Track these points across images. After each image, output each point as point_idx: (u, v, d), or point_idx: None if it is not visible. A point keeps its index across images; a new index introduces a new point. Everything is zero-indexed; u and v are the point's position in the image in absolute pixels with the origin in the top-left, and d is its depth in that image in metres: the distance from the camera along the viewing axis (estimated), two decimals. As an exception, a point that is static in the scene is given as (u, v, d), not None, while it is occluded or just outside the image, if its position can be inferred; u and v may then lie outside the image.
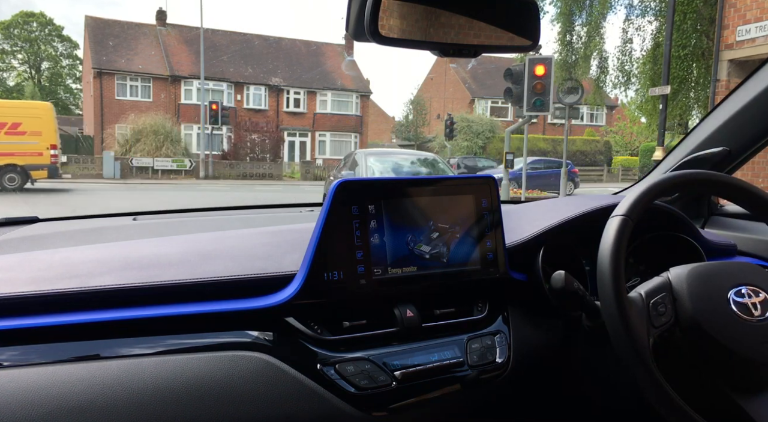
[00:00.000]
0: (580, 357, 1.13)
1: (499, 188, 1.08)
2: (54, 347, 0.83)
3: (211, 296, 0.92)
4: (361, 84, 32.60)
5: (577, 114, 12.28)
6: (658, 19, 14.58)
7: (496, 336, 1.06)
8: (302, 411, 0.88)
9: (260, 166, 25.32)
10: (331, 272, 0.93)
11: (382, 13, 0.85)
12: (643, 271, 1.22)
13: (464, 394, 1.01)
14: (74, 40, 46.03)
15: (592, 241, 1.01)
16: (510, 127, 13.54)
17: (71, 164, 22.80)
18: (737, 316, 0.88)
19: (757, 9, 9.31)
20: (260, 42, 32.15)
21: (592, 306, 0.96)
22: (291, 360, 0.90)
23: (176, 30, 30.76)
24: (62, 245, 1.20)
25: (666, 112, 11.54)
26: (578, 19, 15.47)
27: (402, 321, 0.98)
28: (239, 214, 1.76)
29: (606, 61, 15.69)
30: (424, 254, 1.00)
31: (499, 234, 1.07)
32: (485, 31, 0.95)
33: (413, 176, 1.18)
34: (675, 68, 12.73)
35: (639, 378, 0.83)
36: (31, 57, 45.74)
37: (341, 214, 0.94)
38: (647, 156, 24.20)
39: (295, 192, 18.37)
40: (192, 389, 0.83)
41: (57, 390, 0.77)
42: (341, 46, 33.72)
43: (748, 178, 5.17)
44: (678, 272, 0.93)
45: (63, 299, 0.86)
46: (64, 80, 48.03)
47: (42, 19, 44.92)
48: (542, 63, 9.86)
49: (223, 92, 28.89)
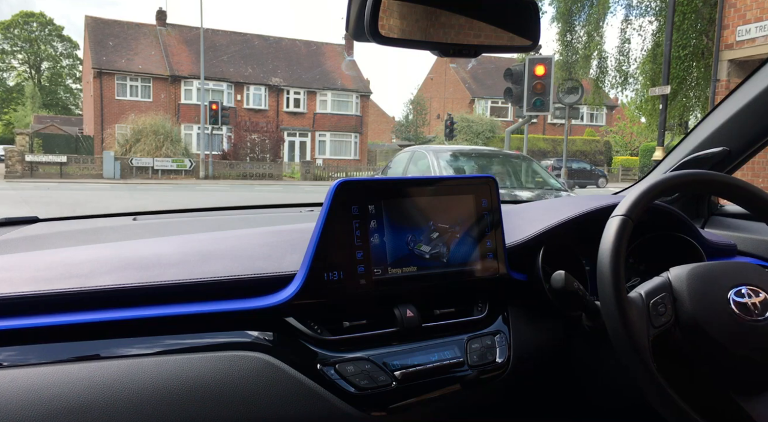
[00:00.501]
0: (580, 357, 1.13)
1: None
2: (54, 347, 0.83)
3: (211, 296, 0.92)
4: (361, 84, 32.61)
5: (577, 114, 12.29)
6: (658, 19, 14.58)
7: (496, 336, 1.06)
8: (302, 411, 0.88)
9: (260, 166, 25.33)
10: (331, 272, 0.93)
11: (382, 13, 0.85)
12: (643, 271, 1.22)
13: (464, 394, 1.01)
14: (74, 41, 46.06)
15: (592, 241, 1.01)
16: (510, 127, 13.55)
17: (71, 164, 22.82)
18: (737, 316, 0.88)
19: (757, 9, 9.31)
20: (260, 42, 32.16)
21: (592, 306, 0.96)
22: (291, 360, 0.90)
23: (176, 30, 30.77)
24: (62, 245, 1.20)
25: (666, 112, 11.54)
26: (578, 19, 15.47)
27: (402, 321, 0.98)
28: (239, 214, 1.76)
29: (606, 61, 15.69)
30: (424, 254, 1.00)
31: (499, 234, 1.07)
32: (485, 31, 0.95)
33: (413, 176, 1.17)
34: (675, 68, 12.73)
35: (639, 378, 0.83)
36: (31, 57, 45.76)
37: (341, 214, 0.94)
38: (647, 156, 24.22)
39: (295, 192, 18.37)
40: (192, 389, 0.83)
41: (57, 390, 0.77)
42: (341, 46, 33.72)
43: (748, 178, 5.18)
44: (678, 272, 0.93)
45: (63, 299, 0.86)
46: (64, 80, 48.05)
47: (42, 19, 44.94)
48: (542, 63, 9.86)
49: (223, 92, 28.90)
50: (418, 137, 35.11)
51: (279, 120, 30.16)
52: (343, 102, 31.89)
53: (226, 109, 23.64)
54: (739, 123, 1.36)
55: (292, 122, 30.90)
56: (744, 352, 0.87)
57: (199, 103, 24.80)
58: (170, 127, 24.66)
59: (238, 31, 32.34)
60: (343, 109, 31.86)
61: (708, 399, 0.89)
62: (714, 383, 0.90)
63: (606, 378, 1.10)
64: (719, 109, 1.41)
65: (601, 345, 1.01)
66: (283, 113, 30.63)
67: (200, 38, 23.55)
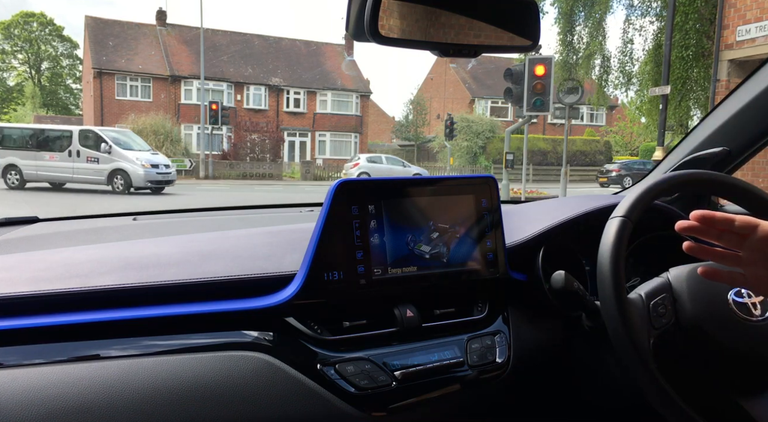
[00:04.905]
0: (580, 357, 1.13)
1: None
2: (54, 347, 0.83)
3: (211, 296, 0.92)
4: (361, 84, 32.60)
5: (577, 114, 12.28)
6: (659, 20, 14.57)
7: (496, 336, 1.06)
8: (302, 411, 0.88)
9: (260, 166, 25.31)
10: (331, 272, 0.93)
11: (382, 13, 0.85)
12: (643, 271, 1.22)
13: (464, 394, 1.01)
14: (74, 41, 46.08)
15: (592, 241, 1.01)
16: (510, 127, 13.55)
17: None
18: (737, 316, 0.88)
19: (757, 9, 9.31)
20: (260, 42, 32.16)
21: (592, 306, 0.96)
22: (291, 360, 0.90)
23: (176, 30, 30.76)
24: (62, 245, 1.20)
25: (666, 112, 11.54)
26: (579, 20, 15.47)
27: (402, 320, 0.98)
28: (239, 214, 1.76)
29: (609, 61, 15.68)
30: (424, 254, 1.00)
31: (499, 234, 1.07)
32: (485, 31, 0.95)
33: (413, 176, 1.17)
34: (678, 69, 12.72)
35: (639, 379, 0.83)
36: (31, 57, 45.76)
37: (341, 214, 0.94)
38: (647, 156, 24.24)
39: (295, 192, 18.36)
40: (192, 389, 0.83)
41: (57, 390, 0.77)
42: (341, 46, 33.71)
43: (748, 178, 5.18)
44: (678, 273, 0.93)
45: (63, 299, 0.86)
46: (64, 80, 48.05)
47: (42, 20, 44.95)
48: (542, 63, 9.87)
49: (223, 92, 28.88)
50: (418, 137, 35.10)
51: (279, 120, 30.15)
52: (343, 102, 31.88)
53: (226, 109, 23.62)
54: (739, 123, 1.36)
55: (292, 122, 30.90)
56: (744, 352, 0.87)
57: (199, 103, 24.78)
58: (170, 127, 24.67)
59: (238, 31, 32.33)
60: (343, 109, 31.86)
61: (708, 399, 0.89)
62: (714, 383, 0.90)
63: (606, 378, 1.10)
64: (719, 109, 1.40)
65: (601, 345, 1.01)
66: (283, 112, 30.63)
67: (200, 38, 23.54)
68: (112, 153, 14.96)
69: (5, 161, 15.66)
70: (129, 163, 14.87)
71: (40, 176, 15.46)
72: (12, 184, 15.57)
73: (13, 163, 15.56)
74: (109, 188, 15.03)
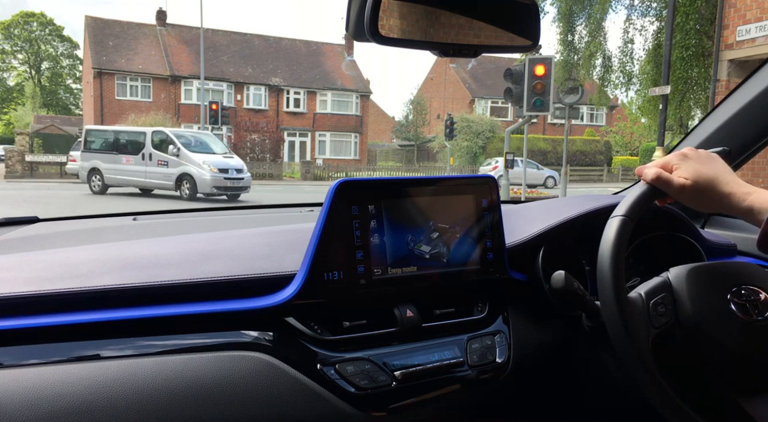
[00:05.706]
0: (580, 357, 1.13)
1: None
2: (54, 347, 0.83)
3: (211, 297, 0.92)
4: (361, 84, 32.62)
5: (577, 114, 12.29)
6: (659, 20, 14.57)
7: (496, 336, 1.06)
8: (302, 411, 0.88)
9: (260, 166, 25.31)
10: (331, 273, 0.93)
11: (382, 13, 0.85)
12: (643, 271, 1.22)
13: (464, 394, 1.01)
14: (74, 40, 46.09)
15: (592, 241, 1.01)
16: (510, 127, 13.55)
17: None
18: (737, 316, 0.88)
19: (757, 9, 9.31)
20: (260, 42, 32.17)
21: (592, 306, 0.96)
22: (291, 360, 0.90)
23: (176, 30, 30.78)
24: (62, 245, 1.20)
25: (666, 112, 11.54)
26: (579, 20, 15.47)
27: (402, 320, 0.98)
28: (239, 214, 1.76)
29: (610, 61, 15.68)
30: (424, 254, 1.00)
31: (499, 234, 1.07)
32: (485, 31, 0.95)
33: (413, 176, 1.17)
34: (678, 69, 12.72)
35: (639, 379, 0.83)
36: (31, 57, 45.78)
37: (341, 214, 0.94)
38: (647, 156, 24.20)
39: (295, 192, 18.37)
40: (192, 389, 0.83)
41: (57, 390, 0.77)
42: (341, 46, 33.73)
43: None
44: (678, 273, 0.93)
45: (63, 299, 0.86)
46: (64, 80, 48.08)
47: (42, 20, 44.97)
48: (542, 63, 9.87)
49: (223, 92, 28.92)
50: (418, 137, 35.11)
51: (279, 120, 30.17)
52: (343, 102, 31.90)
53: (226, 109, 23.60)
54: (739, 123, 1.36)
55: (292, 122, 30.92)
56: (744, 352, 0.87)
57: (199, 103, 24.80)
58: (170, 127, 24.68)
59: (238, 31, 32.38)
60: (343, 109, 31.88)
61: (708, 399, 0.89)
62: (714, 383, 0.90)
63: (606, 378, 1.10)
64: (719, 109, 1.40)
65: (601, 345, 1.01)
66: (283, 113, 30.65)
67: (200, 38, 23.54)
68: (180, 156, 13.95)
69: (89, 165, 15.19)
70: (195, 167, 13.70)
71: (118, 181, 14.75)
72: (95, 188, 15.05)
73: (96, 166, 15.04)
74: (177, 193, 14.02)
